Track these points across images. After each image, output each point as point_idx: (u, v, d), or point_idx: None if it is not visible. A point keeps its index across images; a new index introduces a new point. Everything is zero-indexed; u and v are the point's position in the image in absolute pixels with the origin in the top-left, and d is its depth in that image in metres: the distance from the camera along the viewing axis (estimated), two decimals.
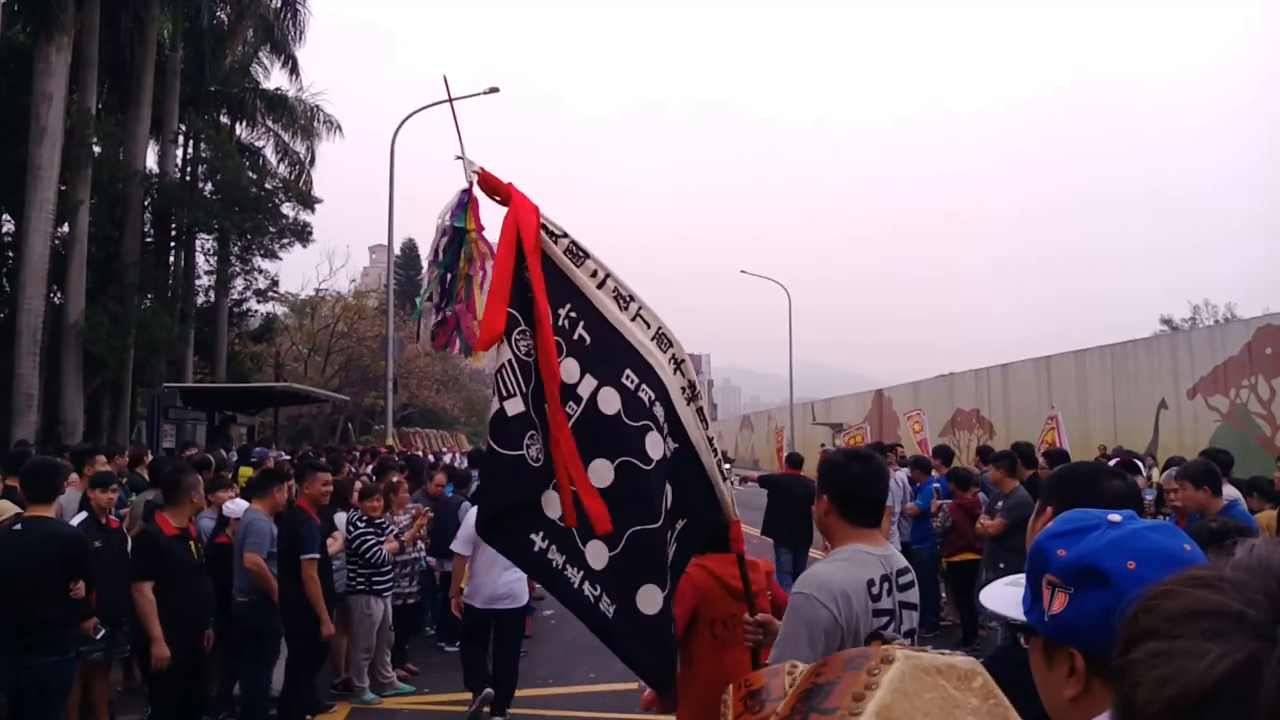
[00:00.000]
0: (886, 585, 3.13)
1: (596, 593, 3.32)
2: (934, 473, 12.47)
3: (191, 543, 7.32)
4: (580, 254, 3.49)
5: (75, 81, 22.83)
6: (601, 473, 3.34)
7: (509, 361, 3.26)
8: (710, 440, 3.65)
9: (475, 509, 8.73)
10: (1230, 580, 0.74)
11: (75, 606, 6.56)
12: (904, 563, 3.30)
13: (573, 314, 3.42)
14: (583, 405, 3.37)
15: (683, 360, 3.62)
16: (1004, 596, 1.65)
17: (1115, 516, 1.44)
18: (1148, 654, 0.74)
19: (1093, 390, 27.25)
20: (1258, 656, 0.66)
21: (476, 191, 3.38)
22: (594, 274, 3.48)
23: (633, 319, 3.52)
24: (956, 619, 11.46)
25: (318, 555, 7.69)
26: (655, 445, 3.43)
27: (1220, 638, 0.69)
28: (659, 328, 3.56)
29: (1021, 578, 1.56)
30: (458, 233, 3.38)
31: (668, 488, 3.48)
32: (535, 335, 3.29)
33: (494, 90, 27.55)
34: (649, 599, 3.36)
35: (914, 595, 3.26)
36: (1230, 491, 7.43)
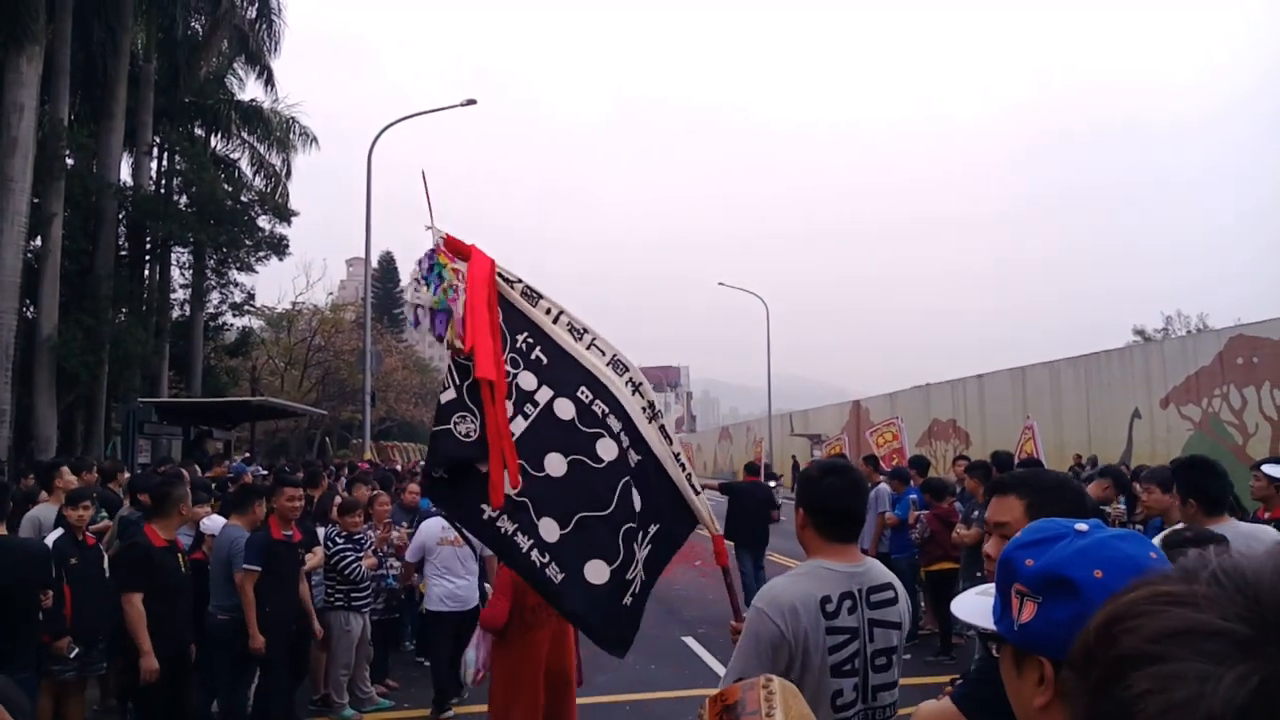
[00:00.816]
0: (849, 603, 3.08)
1: (545, 560, 3.81)
2: (911, 483, 12.52)
3: (179, 555, 7.31)
4: (534, 295, 4.12)
5: (47, 92, 22.65)
6: (556, 464, 3.90)
7: (449, 365, 3.95)
8: (676, 456, 4.09)
9: (426, 522, 9.34)
10: (1207, 596, 0.72)
11: (48, 621, 6.56)
12: (883, 579, 3.24)
13: (529, 340, 4.06)
14: (539, 409, 3.96)
15: (640, 383, 4.15)
16: (975, 606, 1.65)
17: (1082, 525, 1.44)
18: (1149, 679, 0.71)
19: (1067, 400, 27.42)
20: (1269, 679, 0.65)
21: (442, 249, 4.00)
22: (548, 311, 4.11)
23: (587, 348, 4.10)
24: (936, 628, 11.48)
25: (257, 568, 7.59)
26: (607, 449, 3.97)
27: (1221, 660, 0.67)
28: (613, 355, 4.14)
29: (992, 587, 1.56)
30: (433, 268, 3.96)
31: (635, 492, 3.97)
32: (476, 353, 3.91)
33: (471, 102, 27.57)
34: (596, 571, 3.85)
35: (893, 613, 3.19)
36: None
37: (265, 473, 17.22)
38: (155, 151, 29.97)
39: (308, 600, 8.37)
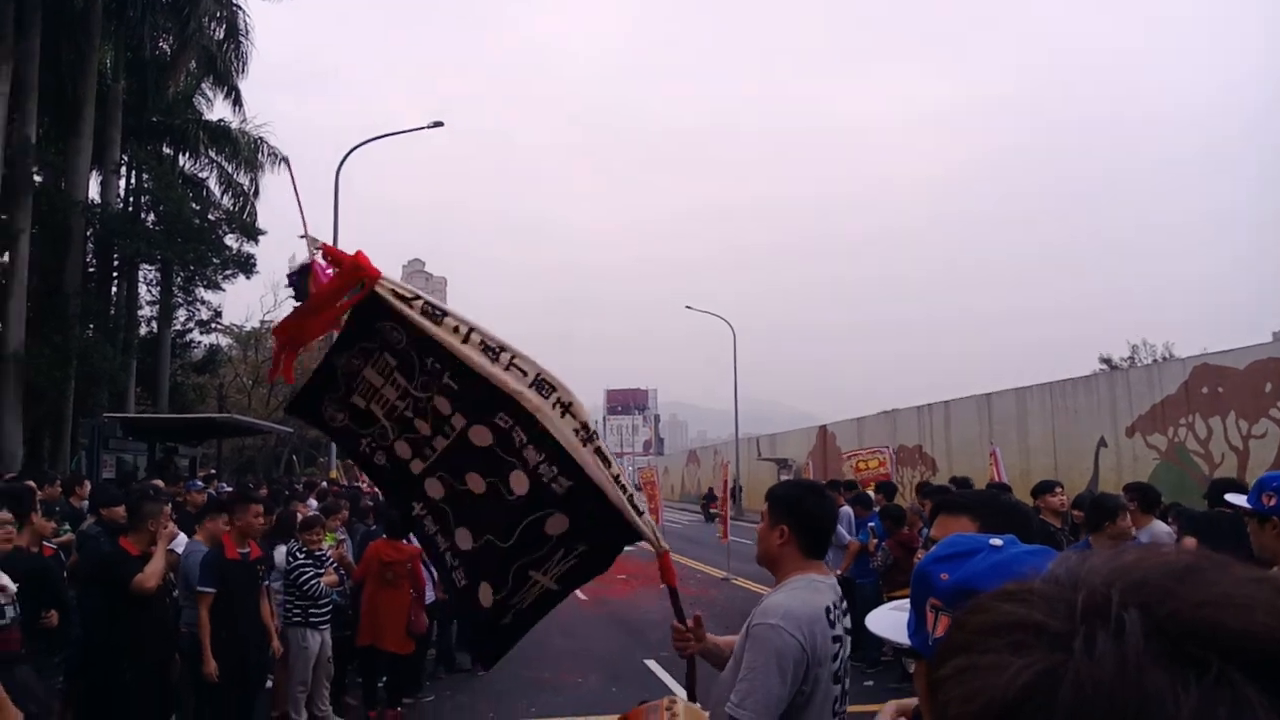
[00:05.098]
0: (838, 612, 3.24)
1: (455, 563, 3.93)
2: (875, 508, 12.61)
3: None
4: (438, 313, 3.69)
5: (15, 110, 22.57)
6: (476, 482, 3.83)
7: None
8: (616, 478, 3.75)
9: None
10: (1038, 593, 0.75)
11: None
12: (840, 591, 3.42)
13: (436, 365, 3.74)
14: (454, 435, 3.81)
15: (570, 403, 3.72)
16: (890, 621, 1.68)
17: (996, 541, 1.47)
18: (955, 669, 0.75)
19: (1033, 427, 27.55)
20: (1054, 668, 0.68)
21: (320, 261, 3.71)
22: (456, 330, 3.68)
23: (505, 368, 3.68)
24: (894, 655, 11.53)
25: (211, 590, 7.53)
26: (519, 482, 3.75)
27: (1022, 650, 0.70)
28: (536, 374, 3.70)
29: (907, 602, 1.59)
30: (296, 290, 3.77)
31: (548, 523, 3.77)
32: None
33: (438, 124, 27.59)
34: (485, 594, 3.86)
35: (849, 623, 3.35)
36: (1160, 528, 7.69)
37: (230, 490, 17.08)
38: (123, 170, 29.84)
39: (268, 618, 8.31)
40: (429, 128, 27.54)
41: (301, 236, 3.67)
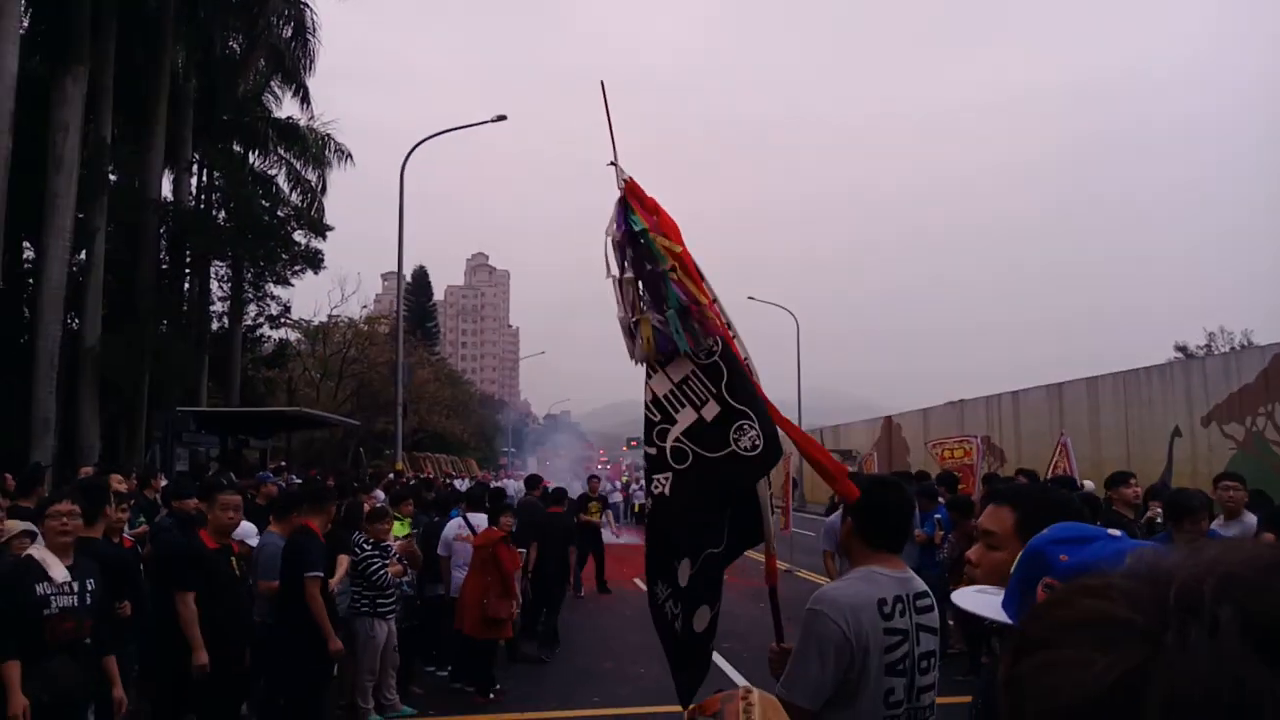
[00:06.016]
0: (900, 606, 3.21)
1: (676, 610, 3.65)
2: (940, 500, 12.46)
3: (233, 558, 7.40)
4: (699, 275, 3.67)
5: (91, 111, 23.09)
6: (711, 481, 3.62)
7: (692, 372, 3.55)
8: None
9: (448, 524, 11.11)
10: (1119, 588, 0.73)
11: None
12: (924, 587, 3.39)
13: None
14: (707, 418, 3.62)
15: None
16: (978, 600, 1.68)
17: (1114, 531, 1.48)
18: (1035, 665, 0.73)
19: (1105, 417, 27.05)
20: (1144, 665, 0.66)
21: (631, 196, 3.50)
22: (709, 293, 3.68)
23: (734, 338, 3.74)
24: (963, 646, 11.41)
25: (321, 574, 7.70)
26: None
27: (1109, 646, 0.68)
28: (746, 356, 3.76)
29: (990, 587, 1.59)
30: (634, 235, 3.49)
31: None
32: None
33: (502, 118, 27.78)
34: (701, 617, 3.70)
35: (933, 619, 3.34)
36: (1252, 520, 7.62)
37: (300, 482, 17.38)
38: (195, 168, 30.43)
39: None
40: (493, 121, 27.75)
41: (610, 164, 3.48)
